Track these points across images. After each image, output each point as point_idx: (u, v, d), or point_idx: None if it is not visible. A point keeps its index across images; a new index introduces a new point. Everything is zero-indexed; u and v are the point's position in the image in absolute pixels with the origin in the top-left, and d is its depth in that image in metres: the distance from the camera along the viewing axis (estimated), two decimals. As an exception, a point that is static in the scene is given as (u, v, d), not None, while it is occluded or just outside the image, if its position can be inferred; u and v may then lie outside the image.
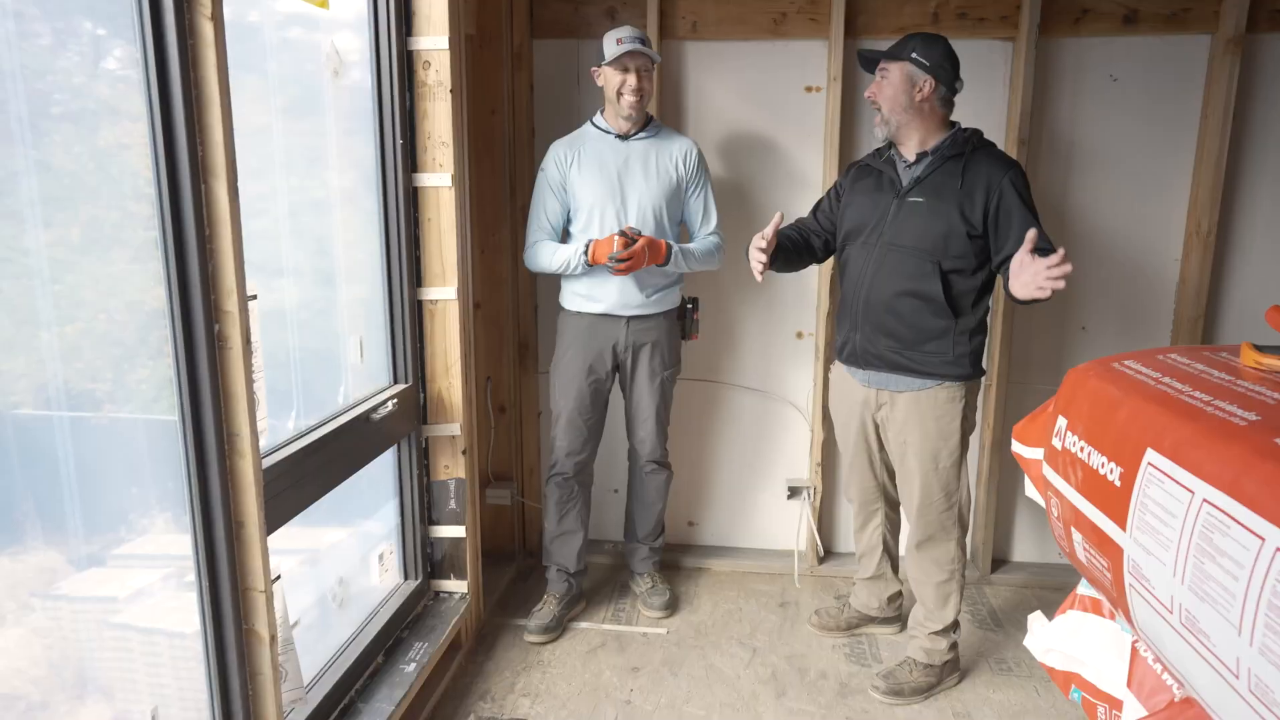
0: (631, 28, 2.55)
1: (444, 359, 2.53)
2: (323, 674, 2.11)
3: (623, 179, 2.62)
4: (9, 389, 1.26)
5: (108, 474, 1.46)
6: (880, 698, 2.42)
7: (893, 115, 2.25)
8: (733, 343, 3.16)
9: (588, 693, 2.46)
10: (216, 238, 1.53)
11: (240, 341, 1.58)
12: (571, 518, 2.79)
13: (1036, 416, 1.68)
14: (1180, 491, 1.09)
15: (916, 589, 2.48)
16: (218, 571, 1.63)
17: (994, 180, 2.18)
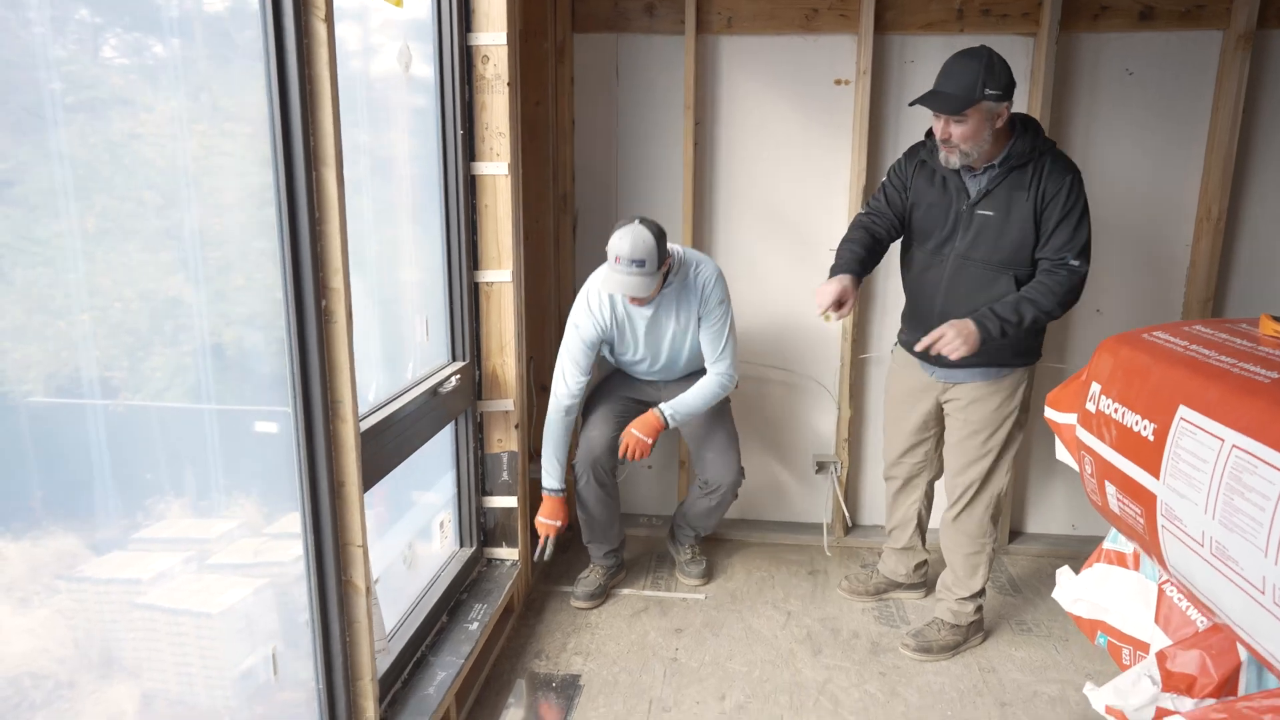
0: (631, 243, 2.46)
1: (499, 339, 2.68)
2: (398, 629, 2.26)
3: (647, 342, 2.77)
4: (22, 377, 1.27)
5: (123, 461, 1.47)
6: (910, 654, 2.58)
7: (972, 150, 2.25)
8: (761, 325, 3.31)
9: (636, 651, 2.62)
10: (325, 220, 1.68)
11: (344, 316, 1.73)
12: (606, 510, 2.88)
13: (1069, 385, 1.83)
14: (1211, 440, 1.24)
15: (948, 556, 2.64)
16: (321, 528, 1.79)
17: (1050, 187, 2.25)
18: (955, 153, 2.28)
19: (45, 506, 1.30)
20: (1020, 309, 2.25)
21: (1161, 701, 1.42)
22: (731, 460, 2.86)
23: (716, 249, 3.27)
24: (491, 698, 2.40)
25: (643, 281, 2.50)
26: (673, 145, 3.20)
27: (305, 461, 1.75)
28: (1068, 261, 2.26)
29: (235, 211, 1.65)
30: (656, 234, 2.50)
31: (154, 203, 1.49)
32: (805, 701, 2.38)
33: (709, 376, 2.78)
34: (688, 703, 2.37)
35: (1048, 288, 2.26)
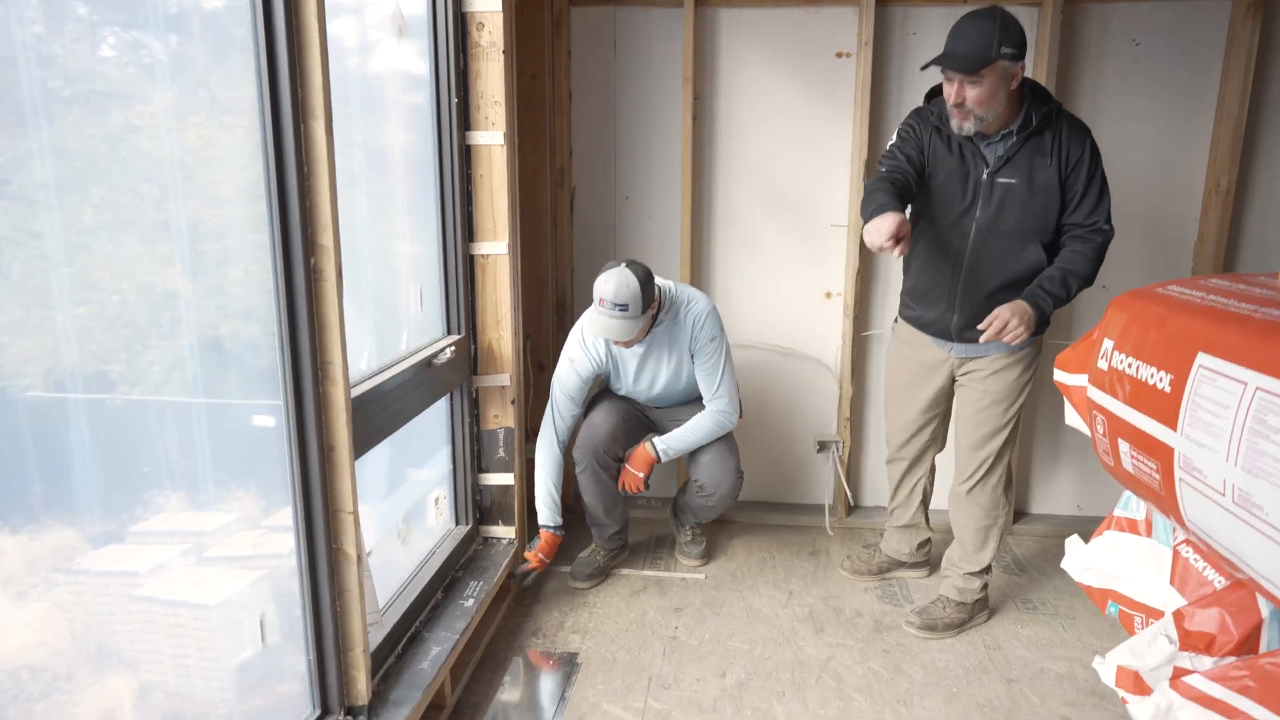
0: (615, 287, 2.42)
1: (495, 312, 2.63)
2: (391, 604, 2.22)
3: (639, 378, 2.78)
4: (20, 372, 1.26)
5: (121, 454, 1.47)
6: (915, 632, 2.53)
7: (987, 114, 2.18)
8: (761, 303, 3.26)
9: (634, 630, 2.57)
10: (314, 175, 1.63)
11: (334, 274, 1.68)
12: (607, 495, 2.82)
13: (1079, 345, 1.78)
14: (1233, 385, 1.20)
15: (957, 531, 2.59)
16: (311, 494, 1.74)
17: (1073, 152, 2.23)
18: (969, 118, 2.20)
19: (43, 501, 1.30)
20: (1067, 282, 2.25)
21: (1179, 661, 1.37)
22: (729, 467, 2.77)
23: (715, 225, 3.23)
24: (487, 675, 2.35)
25: (625, 326, 2.48)
26: (672, 119, 3.15)
27: (294, 425, 1.70)
28: (1100, 226, 2.25)
29: (233, 204, 1.61)
30: (642, 278, 2.46)
31: (151, 195, 1.49)
32: (807, 678, 2.33)
33: (706, 413, 2.74)
34: (688, 679, 2.32)
35: (1085, 256, 2.25)
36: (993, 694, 2.27)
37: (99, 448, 1.40)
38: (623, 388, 2.85)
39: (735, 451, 2.82)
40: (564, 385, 2.73)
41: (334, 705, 1.84)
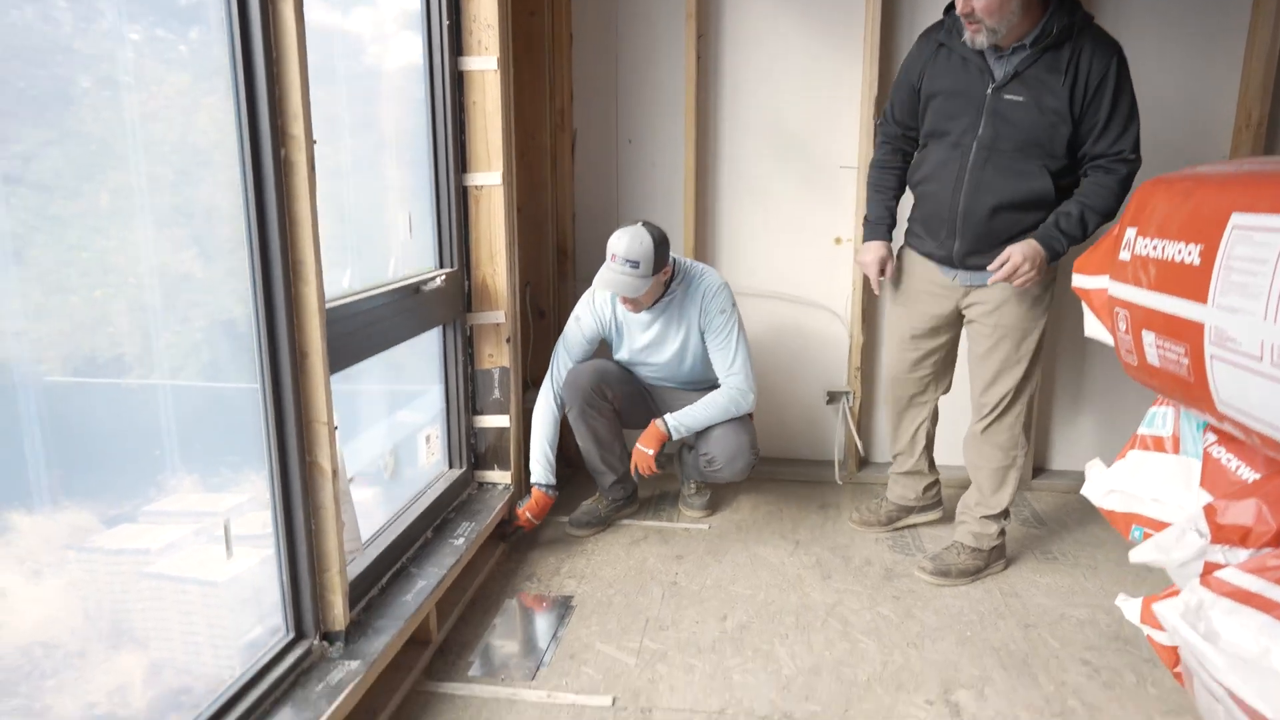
0: (628, 243, 2.40)
1: (489, 246, 2.54)
2: (375, 538, 2.13)
3: (644, 350, 2.69)
4: (39, 356, 1.28)
5: (135, 437, 1.49)
6: (926, 578, 2.42)
7: (998, 24, 2.04)
8: (767, 251, 3.15)
9: (633, 575, 2.47)
10: (283, 60, 1.55)
11: (306, 167, 1.59)
12: (605, 431, 2.70)
13: (1098, 245, 1.67)
14: (1271, 237, 1.08)
15: (974, 474, 2.47)
16: (283, 403, 1.66)
17: (1094, 71, 2.05)
18: (981, 30, 2.07)
19: (61, 483, 1.32)
20: (1085, 220, 2.11)
21: (1211, 555, 1.25)
22: (742, 443, 2.62)
23: (721, 168, 3.12)
24: (477, 616, 2.26)
25: (634, 283, 2.43)
26: (676, 62, 3.05)
27: (264, 329, 1.61)
28: (1125, 156, 2.09)
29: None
30: (657, 238, 2.44)
31: (167, 179, 1.49)
32: (813, 621, 2.22)
33: (720, 390, 2.63)
34: (686, 621, 2.22)
35: (1109, 190, 2.10)
36: (1008, 638, 2.15)
37: (114, 431, 1.44)
38: (626, 357, 2.75)
39: (750, 428, 2.70)
40: (568, 344, 2.69)
41: (309, 629, 1.75)
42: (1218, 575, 1.19)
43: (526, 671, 2.00)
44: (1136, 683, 1.96)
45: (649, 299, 2.55)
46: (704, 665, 2.03)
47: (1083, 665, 2.03)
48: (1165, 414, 1.69)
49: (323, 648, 1.77)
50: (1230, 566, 1.18)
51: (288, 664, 1.66)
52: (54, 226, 1.30)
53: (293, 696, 1.63)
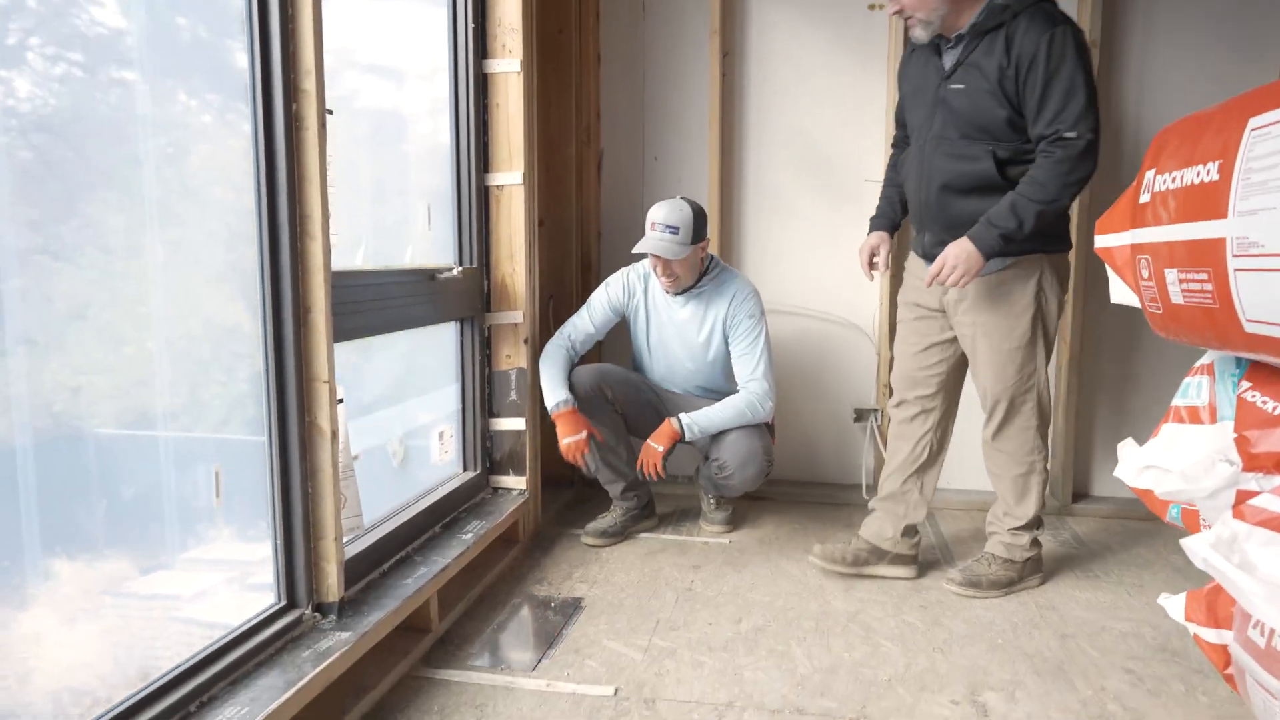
0: (667, 210, 2.45)
1: (508, 245, 2.55)
2: (381, 523, 2.09)
3: (665, 339, 2.67)
4: (93, 410, 1.35)
5: (178, 487, 1.54)
6: (956, 589, 2.28)
7: (930, 16, 2.05)
8: (793, 266, 3.11)
9: (647, 581, 2.38)
10: (298, 16, 1.59)
11: (316, 123, 1.62)
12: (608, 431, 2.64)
13: (1118, 202, 1.61)
14: (1288, 125, 1.02)
15: (994, 483, 2.35)
16: (284, 359, 1.65)
17: (1025, 48, 1.96)
18: (915, 24, 2.09)
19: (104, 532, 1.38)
20: (1018, 210, 1.99)
21: (1243, 483, 1.15)
22: (755, 448, 2.55)
23: (746, 185, 3.12)
24: (483, 611, 2.18)
25: (674, 247, 2.45)
26: (702, 82, 3.09)
27: (269, 284, 1.62)
28: (1061, 135, 1.96)
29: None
30: (695, 210, 2.50)
31: (221, 236, 1.59)
32: (833, 627, 2.10)
33: (739, 394, 2.58)
34: (699, 623, 2.11)
35: (1044, 174, 1.98)
36: (1043, 645, 2.00)
37: (159, 481, 1.50)
38: (646, 341, 2.72)
39: (765, 434, 2.63)
40: (590, 304, 2.70)
41: (301, 599, 1.71)
42: (1252, 504, 1.09)
43: (527, 663, 1.91)
44: (1185, 691, 1.80)
45: (686, 273, 2.54)
46: (714, 662, 1.92)
47: (1125, 673, 1.88)
48: (1200, 382, 1.59)
49: (314, 618, 1.71)
50: (1265, 493, 1.08)
51: (275, 630, 1.61)
52: (115, 283, 1.38)
53: (280, 662, 1.57)
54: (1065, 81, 1.95)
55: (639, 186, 3.18)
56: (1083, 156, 1.96)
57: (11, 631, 1.23)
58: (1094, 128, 1.96)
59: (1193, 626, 1.63)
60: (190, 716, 1.38)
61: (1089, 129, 1.95)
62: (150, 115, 1.43)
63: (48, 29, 1.30)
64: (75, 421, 1.32)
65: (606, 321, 2.69)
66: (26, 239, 1.24)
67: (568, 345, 2.64)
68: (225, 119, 1.58)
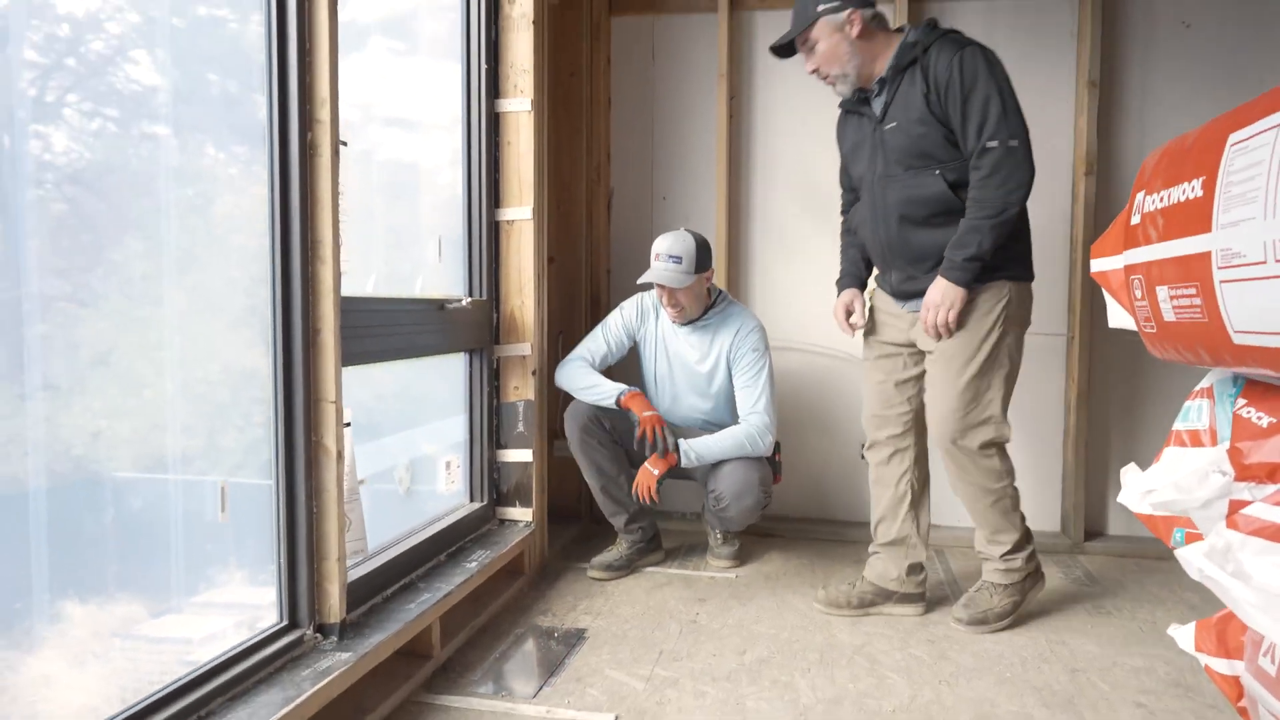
0: (671, 240, 2.53)
1: (518, 279, 2.60)
2: (386, 548, 2.10)
3: (671, 369, 2.71)
4: (112, 454, 1.39)
5: (192, 531, 1.57)
6: (964, 628, 2.23)
7: (845, 70, 2.12)
8: (800, 304, 3.14)
9: (652, 614, 2.36)
10: (315, 50, 1.66)
11: (329, 151, 1.68)
12: (609, 462, 2.64)
13: (1112, 227, 1.64)
14: (1264, 136, 1.05)
15: (973, 516, 2.28)
16: (292, 380, 1.68)
17: (940, 73, 2.02)
18: (834, 81, 2.16)
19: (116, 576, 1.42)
20: (978, 230, 2.01)
21: (1235, 493, 1.14)
22: (751, 480, 2.55)
23: (753, 224, 3.17)
24: (486, 640, 2.17)
25: (678, 275, 2.51)
26: (710, 124, 3.17)
27: (280, 306, 1.66)
28: (985, 147, 1.99)
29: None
30: (699, 241, 2.56)
31: (242, 283, 1.64)
32: (838, 659, 2.07)
33: (739, 425, 2.60)
34: (703, 654, 2.09)
35: (979, 190, 2.01)
36: (1052, 679, 1.97)
37: (174, 525, 1.52)
38: (650, 373, 2.74)
39: (763, 467, 2.63)
40: (605, 325, 2.76)
41: (303, 619, 1.71)
42: (1245, 513, 1.08)
43: (529, 690, 1.90)
44: (1198, 726, 1.76)
45: (691, 303, 2.59)
46: (717, 692, 1.90)
47: (1136, 708, 1.84)
48: (1200, 405, 1.59)
49: (315, 639, 1.72)
50: (1258, 502, 1.08)
51: (276, 649, 1.62)
52: (138, 328, 1.44)
53: (279, 680, 1.57)
54: (980, 96, 2.00)
55: (648, 225, 3.24)
56: (1007, 162, 1.99)
57: (20, 674, 1.24)
58: (1014, 132, 1.99)
59: (1203, 657, 1.60)
60: (187, 730, 1.39)
61: (1009, 134, 1.98)
62: (179, 167, 1.50)
63: (85, 86, 1.37)
64: (94, 465, 1.35)
65: (620, 344, 2.73)
66: (55, 287, 1.29)
67: (586, 359, 2.68)
68: (251, 170, 1.65)
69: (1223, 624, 1.55)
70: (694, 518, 3.20)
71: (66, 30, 1.34)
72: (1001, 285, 2.12)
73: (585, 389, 2.61)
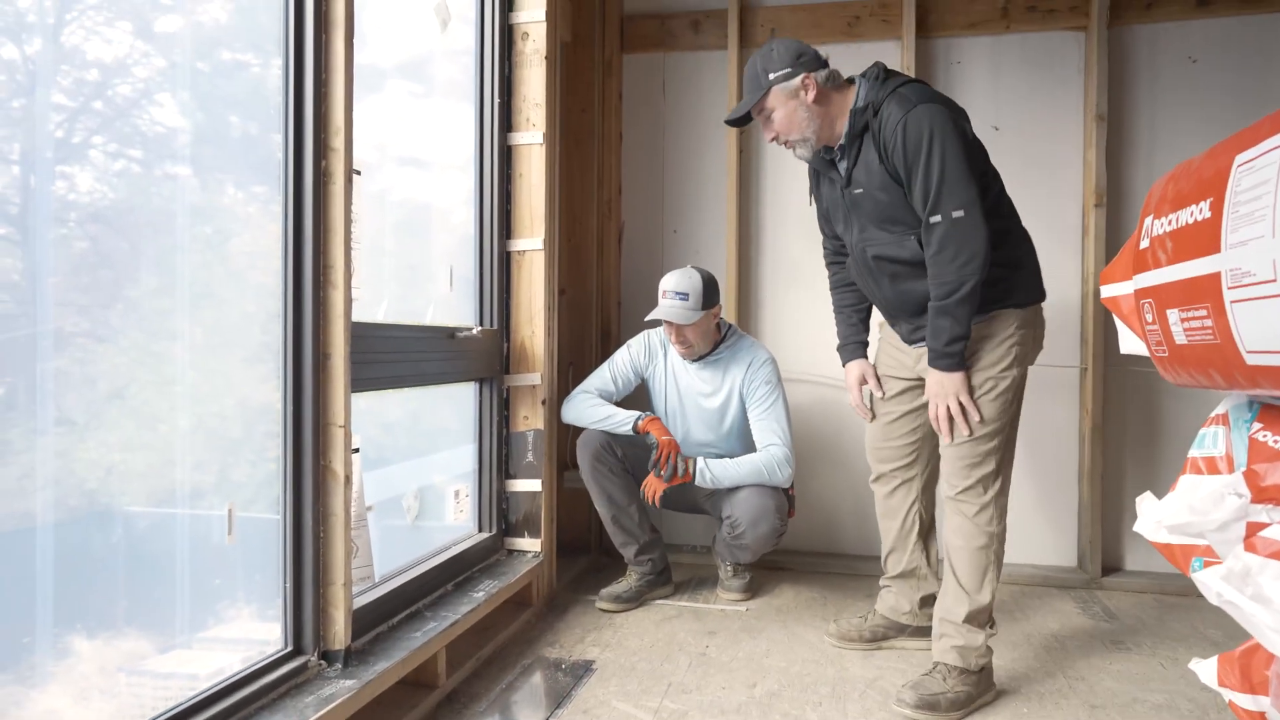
0: (677, 278, 2.54)
1: (528, 309, 2.61)
2: (393, 576, 2.08)
3: (683, 406, 2.72)
4: (124, 489, 1.41)
5: (202, 565, 1.58)
6: (910, 713, 1.91)
7: (805, 134, 2.02)
8: (810, 337, 3.14)
9: (661, 646, 2.33)
10: (331, 82, 1.70)
11: (343, 179, 1.71)
12: (620, 491, 2.64)
13: (1121, 252, 1.63)
14: (1270, 157, 1.05)
15: (953, 555, 2.06)
16: (302, 403, 1.69)
17: (889, 138, 1.92)
18: (794, 146, 2.05)
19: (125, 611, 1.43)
20: (942, 319, 1.92)
21: (1253, 515, 1.12)
22: (767, 507, 2.53)
23: (763, 257, 3.19)
24: (492, 672, 2.14)
25: (685, 312, 2.53)
26: (719, 159, 3.20)
27: (291, 331, 1.68)
28: (930, 222, 1.88)
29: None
30: (706, 277, 2.58)
31: (259, 318, 1.67)
32: (849, 693, 2.03)
33: (758, 453, 2.58)
34: (712, 687, 2.06)
35: (934, 268, 1.91)
36: (1071, 716, 1.92)
37: (184, 559, 1.53)
38: (661, 410, 2.74)
39: (780, 497, 2.60)
40: (613, 362, 2.76)
41: (307, 645, 1.70)
42: (1263, 535, 1.06)
43: (534, 721, 1.87)
44: (1223, 764, 1.71)
45: (699, 340, 2.60)
46: (726, 725, 1.86)
47: (1159, 745, 1.79)
48: (1216, 432, 1.57)
49: (320, 665, 1.70)
50: (1276, 524, 1.06)
51: (279, 675, 1.60)
52: (155, 362, 1.46)
53: (282, 706, 1.56)
54: (922, 167, 1.88)
55: (659, 259, 3.26)
56: (955, 235, 1.87)
57: (25, 710, 1.23)
58: (960, 202, 1.86)
59: (1227, 692, 1.56)
60: (188, 755, 1.37)
61: (954, 205, 1.86)
62: (199, 205, 1.53)
63: (111, 129, 1.41)
64: (106, 499, 1.35)
65: (627, 382, 2.73)
66: (74, 323, 1.31)
67: (592, 395, 2.68)
68: (269, 209, 1.68)
69: (1246, 657, 1.52)
70: (704, 551, 3.17)
71: (95, 75, 1.38)
72: (1010, 315, 2.02)
73: (599, 420, 2.61)
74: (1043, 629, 2.48)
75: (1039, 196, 2.96)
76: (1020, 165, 2.99)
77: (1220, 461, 1.54)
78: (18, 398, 1.22)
